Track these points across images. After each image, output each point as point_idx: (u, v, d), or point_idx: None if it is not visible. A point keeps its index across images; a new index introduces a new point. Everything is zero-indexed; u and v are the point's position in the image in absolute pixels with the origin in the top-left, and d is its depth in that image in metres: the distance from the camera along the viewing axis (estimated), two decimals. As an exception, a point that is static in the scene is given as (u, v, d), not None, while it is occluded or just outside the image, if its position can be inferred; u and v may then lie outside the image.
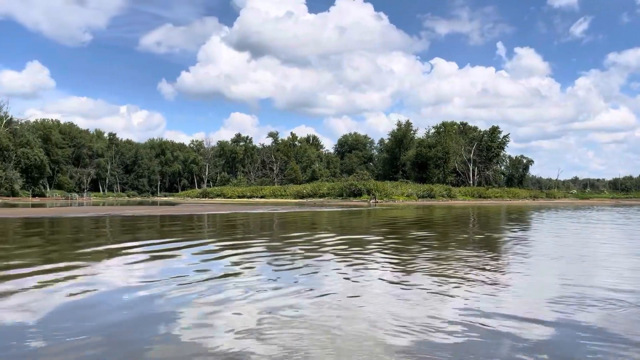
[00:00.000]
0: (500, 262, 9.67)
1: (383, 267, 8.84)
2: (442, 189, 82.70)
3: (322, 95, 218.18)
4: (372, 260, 9.61)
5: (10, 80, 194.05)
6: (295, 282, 7.38)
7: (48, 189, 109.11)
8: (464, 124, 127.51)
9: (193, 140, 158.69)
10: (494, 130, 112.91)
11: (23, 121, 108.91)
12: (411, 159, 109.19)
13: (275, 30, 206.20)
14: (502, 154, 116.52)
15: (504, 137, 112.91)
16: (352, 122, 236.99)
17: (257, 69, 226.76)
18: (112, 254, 10.86)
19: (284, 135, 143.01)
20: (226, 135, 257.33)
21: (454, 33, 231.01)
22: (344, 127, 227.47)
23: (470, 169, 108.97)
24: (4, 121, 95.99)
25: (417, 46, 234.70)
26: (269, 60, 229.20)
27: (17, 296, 6.40)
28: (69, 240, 14.10)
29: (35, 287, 7.00)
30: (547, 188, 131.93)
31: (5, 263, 9.33)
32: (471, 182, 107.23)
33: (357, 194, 73.17)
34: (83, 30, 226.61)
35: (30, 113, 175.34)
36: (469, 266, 8.85)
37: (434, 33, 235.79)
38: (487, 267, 8.77)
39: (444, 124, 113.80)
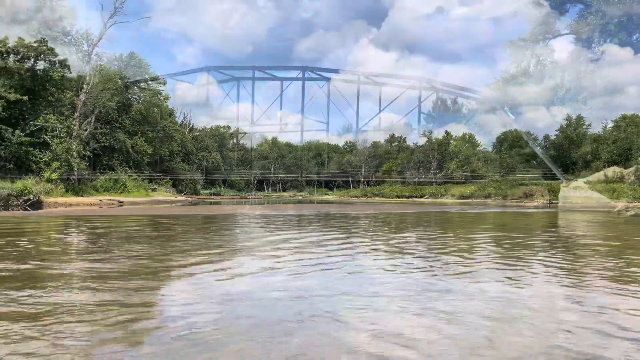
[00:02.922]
0: None
1: (549, 272, 8.07)
2: (626, 188, 73.29)
3: (474, 91, 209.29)
4: (535, 265, 8.83)
5: (185, 90, 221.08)
6: (454, 277, 7.14)
7: (222, 188, 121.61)
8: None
9: (347, 142, 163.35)
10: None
11: (201, 128, 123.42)
12: (584, 156, 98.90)
13: (425, 27, 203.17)
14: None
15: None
16: (508, 117, 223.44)
17: (405, 68, 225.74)
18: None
19: (438, 134, 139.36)
20: (374, 135, 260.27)
21: (629, 14, 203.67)
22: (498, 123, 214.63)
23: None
24: (188, 129, 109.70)
25: (584, 32, 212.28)
26: (418, 58, 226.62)
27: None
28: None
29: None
30: None
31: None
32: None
33: (528, 194, 68.98)
34: (246, 42, 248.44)
35: (202, 120, 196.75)
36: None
37: (604, 16, 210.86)
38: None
39: (624, 117, 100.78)
